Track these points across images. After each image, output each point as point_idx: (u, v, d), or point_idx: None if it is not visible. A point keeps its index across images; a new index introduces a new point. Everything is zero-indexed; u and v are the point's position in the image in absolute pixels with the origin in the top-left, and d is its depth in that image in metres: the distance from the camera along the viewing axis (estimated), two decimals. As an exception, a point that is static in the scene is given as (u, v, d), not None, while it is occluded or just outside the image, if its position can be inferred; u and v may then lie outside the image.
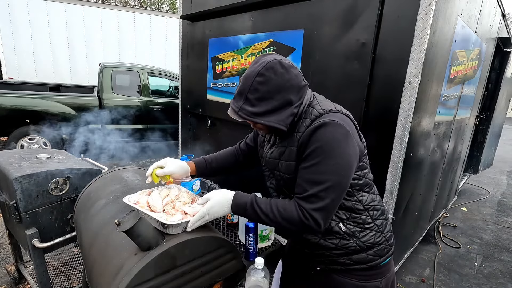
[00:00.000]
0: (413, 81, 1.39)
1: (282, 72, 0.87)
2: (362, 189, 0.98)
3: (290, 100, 0.89)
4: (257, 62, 0.89)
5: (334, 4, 1.68)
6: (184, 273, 0.97)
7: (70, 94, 4.74)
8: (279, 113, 0.89)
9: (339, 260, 0.99)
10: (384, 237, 1.01)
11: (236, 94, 0.92)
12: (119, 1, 19.34)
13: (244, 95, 0.89)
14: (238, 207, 0.94)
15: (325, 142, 0.85)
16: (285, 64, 0.88)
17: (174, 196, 1.15)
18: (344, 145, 0.85)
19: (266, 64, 0.86)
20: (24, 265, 2.06)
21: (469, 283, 2.53)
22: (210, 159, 1.28)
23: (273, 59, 0.87)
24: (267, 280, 1.03)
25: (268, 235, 1.54)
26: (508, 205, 4.44)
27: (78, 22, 7.74)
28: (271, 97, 0.87)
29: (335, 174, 0.84)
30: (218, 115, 2.67)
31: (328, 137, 0.85)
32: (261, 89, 0.86)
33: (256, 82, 0.86)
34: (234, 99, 0.92)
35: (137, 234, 0.86)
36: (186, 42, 2.99)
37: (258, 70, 0.86)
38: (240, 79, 0.92)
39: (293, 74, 0.89)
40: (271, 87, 0.86)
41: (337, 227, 0.97)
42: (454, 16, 1.71)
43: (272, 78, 0.86)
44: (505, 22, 3.39)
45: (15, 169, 1.50)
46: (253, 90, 0.87)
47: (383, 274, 1.02)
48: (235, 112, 0.91)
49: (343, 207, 0.96)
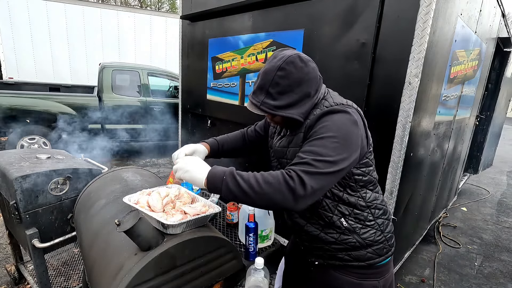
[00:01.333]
0: (413, 81, 1.39)
1: (302, 66, 0.90)
2: (366, 186, 0.99)
3: (308, 93, 0.92)
4: (276, 57, 0.92)
5: (334, 4, 1.68)
6: (184, 273, 0.97)
7: (70, 94, 4.74)
8: (299, 106, 0.92)
9: (337, 255, 1.00)
10: (384, 237, 1.02)
11: (256, 89, 0.94)
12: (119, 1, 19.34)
13: (265, 89, 0.91)
14: (214, 176, 0.85)
15: (332, 122, 0.86)
16: (304, 58, 0.91)
17: (174, 196, 1.15)
18: (350, 130, 0.86)
19: (287, 59, 0.89)
20: (24, 265, 2.06)
21: (469, 283, 2.53)
22: (222, 141, 1.29)
23: (293, 54, 0.90)
24: (267, 280, 1.03)
25: (268, 235, 1.54)
26: (508, 205, 4.44)
27: (78, 22, 7.74)
28: (292, 90, 0.90)
29: (335, 152, 0.82)
30: (218, 115, 2.67)
31: (335, 119, 0.87)
32: (282, 83, 0.89)
33: (277, 76, 0.89)
34: (254, 93, 0.94)
35: (137, 234, 0.86)
36: (186, 42, 2.99)
37: (279, 65, 0.88)
38: (259, 74, 0.94)
39: (311, 67, 0.92)
40: (292, 80, 0.89)
41: (339, 222, 0.97)
42: (454, 16, 1.71)
43: (292, 72, 0.89)
44: (505, 22, 3.39)
45: (15, 169, 1.49)
46: (275, 84, 0.90)
47: (381, 274, 1.02)
48: (256, 107, 0.93)
49: (346, 202, 0.97)
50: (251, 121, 1.42)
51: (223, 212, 1.76)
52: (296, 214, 1.07)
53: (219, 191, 0.83)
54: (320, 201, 0.97)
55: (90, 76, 7.96)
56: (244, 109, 2.33)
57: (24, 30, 7.28)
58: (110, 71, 4.86)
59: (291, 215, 1.09)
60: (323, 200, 0.97)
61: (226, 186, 0.81)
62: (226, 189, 0.82)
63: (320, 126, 0.87)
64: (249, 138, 1.33)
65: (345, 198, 0.96)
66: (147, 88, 5.11)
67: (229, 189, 0.81)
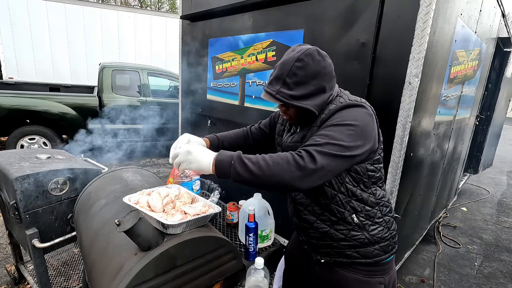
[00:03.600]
0: (413, 81, 1.39)
1: (319, 60, 0.93)
2: (377, 183, 1.01)
3: (324, 87, 0.95)
4: (295, 50, 0.95)
5: (334, 4, 1.68)
6: (184, 273, 0.97)
7: (70, 94, 4.74)
8: (314, 98, 0.94)
9: (346, 252, 1.00)
10: (390, 234, 1.03)
11: (272, 79, 0.96)
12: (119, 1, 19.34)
13: (282, 79, 0.93)
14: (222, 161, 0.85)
15: (348, 113, 0.89)
16: (322, 53, 0.95)
17: (174, 196, 1.15)
18: (366, 121, 0.88)
19: (305, 51, 0.92)
20: (24, 265, 2.06)
21: (469, 283, 2.53)
22: (222, 137, 1.28)
23: (311, 47, 0.94)
24: (267, 280, 1.03)
25: (268, 235, 1.54)
26: (508, 205, 4.44)
27: (78, 22, 7.73)
28: (308, 82, 0.92)
29: (350, 138, 0.83)
30: (218, 115, 2.67)
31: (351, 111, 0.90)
32: (299, 73, 0.91)
33: (295, 67, 0.91)
34: (270, 84, 0.96)
35: (137, 234, 0.86)
36: (186, 42, 2.99)
37: (297, 56, 0.91)
38: (275, 66, 0.96)
39: (327, 62, 0.95)
40: (309, 72, 0.92)
41: (350, 218, 0.98)
42: (454, 16, 1.71)
43: (310, 64, 0.91)
44: (505, 22, 3.39)
45: (15, 169, 1.49)
46: (292, 75, 0.92)
47: (386, 271, 1.04)
48: (271, 96, 0.95)
49: (359, 198, 0.98)
50: (252, 121, 1.42)
51: (223, 212, 1.76)
52: (305, 211, 1.06)
53: (228, 176, 0.84)
54: (333, 196, 0.97)
55: (90, 76, 7.95)
56: (244, 109, 2.33)
57: (24, 30, 7.28)
58: (110, 71, 4.86)
59: (300, 211, 1.09)
60: (336, 195, 0.97)
61: (235, 170, 0.82)
62: (235, 173, 0.82)
63: (338, 116, 0.89)
64: (253, 136, 1.32)
65: (358, 194, 0.97)
66: (147, 88, 5.11)
67: (238, 173, 0.82)
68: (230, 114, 2.47)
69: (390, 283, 1.06)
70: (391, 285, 1.07)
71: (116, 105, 4.83)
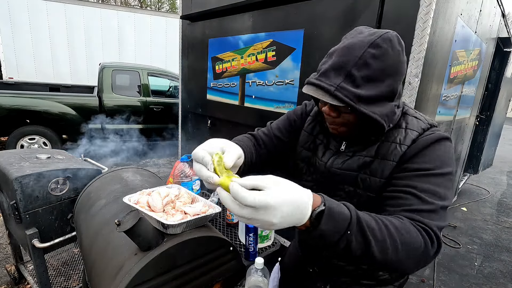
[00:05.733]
0: (413, 81, 1.39)
1: (399, 51, 0.66)
2: None
3: (396, 91, 0.69)
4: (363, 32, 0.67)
5: (334, 4, 1.68)
6: (184, 273, 0.96)
7: (70, 94, 4.74)
8: (382, 105, 0.66)
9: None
10: None
11: (327, 69, 0.66)
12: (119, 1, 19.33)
13: (345, 70, 0.63)
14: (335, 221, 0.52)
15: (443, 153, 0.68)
16: (402, 42, 0.68)
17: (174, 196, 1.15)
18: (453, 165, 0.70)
19: (383, 34, 0.64)
20: (24, 265, 2.06)
21: (469, 283, 2.53)
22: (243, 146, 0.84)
23: (390, 31, 0.67)
24: (267, 280, 1.03)
25: (268, 235, 1.54)
26: (508, 205, 4.44)
27: (78, 22, 7.74)
28: (383, 79, 0.64)
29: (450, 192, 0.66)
30: (218, 115, 2.67)
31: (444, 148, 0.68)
32: (374, 65, 0.63)
33: (369, 54, 0.62)
34: (323, 75, 0.66)
35: (137, 234, 0.86)
36: (186, 42, 2.99)
37: (372, 40, 0.63)
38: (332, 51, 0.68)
39: (405, 58, 0.69)
40: (387, 64, 0.64)
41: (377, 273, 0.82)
42: (454, 16, 1.71)
43: (389, 53, 0.64)
44: (505, 22, 3.39)
45: (15, 169, 1.49)
46: (363, 65, 0.63)
47: None
48: (326, 92, 0.64)
49: None
50: (252, 121, 1.39)
51: (223, 212, 1.76)
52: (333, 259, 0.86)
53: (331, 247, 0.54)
54: None
55: (90, 76, 7.96)
56: (244, 109, 2.32)
57: (24, 30, 7.28)
58: (110, 71, 4.86)
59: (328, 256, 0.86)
60: None
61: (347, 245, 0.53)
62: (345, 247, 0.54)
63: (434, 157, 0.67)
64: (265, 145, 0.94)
65: None
66: (147, 88, 5.11)
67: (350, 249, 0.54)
68: (230, 114, 2.47)
69: None
70: None
71: (116, 105, 4.83)
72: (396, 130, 0.72)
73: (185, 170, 1.72)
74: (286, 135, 0.94)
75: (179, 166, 1.66)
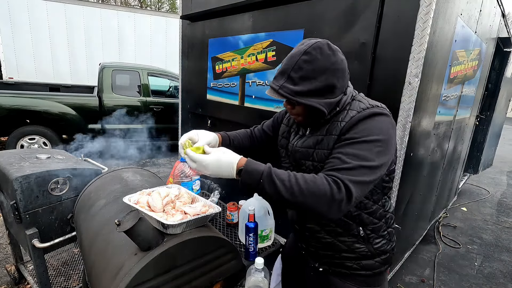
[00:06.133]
0: (413, 81, 1.39)
1: (329, 54, 0.85)
2: (387, 193, 0.98)
3: (333, 85, 0.86)
4: (303, 43, 0.88)
5: (334, 4, 1.68)
6: (184, 273, 0.97)
7: (70, 94, 4.74)
8: (321, 96, 0.86)
9: (346, 263, 0.99)
10: (391, 246, 1.02)
11: (277, 74, 0.90)
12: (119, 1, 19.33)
13: (286, 74, 0.86)
14: (250, 174, 0.78)
15: (375, 125, 0.82)
16: (333, 47, 0.86)
17: (174, 196, 1.15)
18: (391, 133, 0.84)
19: (314, 44, 0.85)
20: (24, 265, 2.06)
21: (469, 283, 2.53)
22: (232, 136, 1.21)
23: (322, 40, 0.86)
24: (267, 280, 1.03)
25: (268, 235, 1.54)
26: (508, 205, 4.44)
27: (78, 22, 7.74)
28: (315, 77, 0.84)
29: (378, 157, 0.79)
30: (218, 115, 2.67)
31: (377, 122, 0.83)
32: (306, 67, 0.84)
33: (301, 61, 0.84)
34: (274, 79, 0.90)
35: (137, 234, 0.86)
36: (186, 42, 2.99)
37: (304, 49, 0.84)
38: (283, 60, 0.90)
39: (339, 58, 0.87)
40: (316, 66, 0.84)
41: (356, 230, 0.95)
42: (454, 16, 1.71)
43: (318, 58, 0.83)
44: (505, 22, 3.39)
45: (15, 169, 1.49)
46: (297, 69, 0.85)
47: (381, 282, 1.04)
48: (274, 91, 0.88)
49: (370, 210, 0.95)
50: (252, 121, 1.41)
51: (223, 212, 1.76)
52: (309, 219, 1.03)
53: (253, 190, 0.80)
54: None
55: (90, 76, 7.96)
56: (244, 109, 2.33)
57: (24, 30, 7.28)
58: (110, 71, 4.86)
59: (303, 220, 1.05)
60: None
61: (263, 189, 0.77)
62: (262, 191, 0.78)
63: (362, 128, 0.82)
64: (257, 138, 1.26)
65: (369, 206, 0.94)
66: (147, 88, 5.11)
67: (265, 192, 0.77)
68: (230, 114, 2.47)
69: None
70: None
71: (116, 105, 4.83)
72: (342, 112, 0.90)
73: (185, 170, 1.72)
74: (271, 130, 1.23)
75: (179, 166, 1.66)
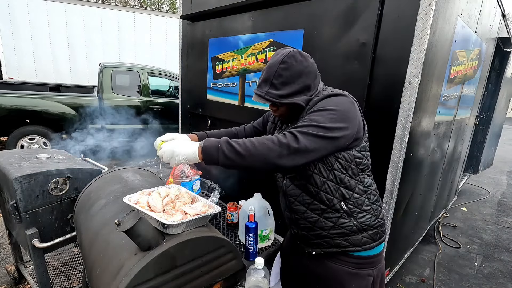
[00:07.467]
0: (413, 81, 1.39)
1: (302, 60, 1.00)
2: (364, 170, 1.04)
3: (309, 85, 1.02)
4: (279, 53, 1.03)
5: (334, 4, 1.68)
6: (184, 273, 0.97)
7: (70, 94, 4.74)
8: (300, 95, 1.02)
9: (335, 240, 1.04)
10: (378, 222, 1.07)
11: (260, 82, 1.04)
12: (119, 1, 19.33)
13: (269, 81, 1.01)
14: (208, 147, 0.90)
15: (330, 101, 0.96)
16: (303, 54, 1.03)
17: (174, 196, 1.15)
18: (348, 107, 0.95)
19: (288, 53, 1.00)
20: (24, 265, 2.06)
21: (469, 283, 2.53)
22: (211, 133, 1.33)
23: (293, 49, 1.02)
24: (267, 280, 1.03)
25: (268, 235, 1.54)
26: (508, 205, 4.44)
27: (78, 22, 7.74)
28: (293, 81, 1.00)
29: (331, 121, 0.90)
30: (218, 115, 2.66)
31: (333, 99, 0.97)
32: (285, 74, 0.99)
33: (280, 69, 0.99)
34: (259, 86, 1.04)
35: (137, 234, 0.86)
36: (186, 42, 2.98)
37: (281, 59, 0.99)
38: (263, 70, 1.04)
39: (310, 62, 1.03)
40: (293, 72, 0.99)
41: (339, 205, 1.02)
42: (454, 16, 1.71)
43: (293, 64, 0.99)
44: (505, 22, 3.39)
45: (15, 169, 1.49)
46: (278, 76, 1.00)
47: (375, 264, 1.09)
48: (261, 97, 1.02)
49: (347, 185, 1.01)
50: (252, 121, 1.43)
51: (223, 212, 1.76)
52: (296, 202, 1.09)
53: (216, 160, 0.89)
54: (322, 183, 1.02)
55: (90, 76, 7.96)
56: (244, 109, 2.33)
57: (24, 30, 7.28)
58: (110, 71, 4.86)
59: (291, 203, 1.12)
60: (325, 182, 1.01)
61: (223, 154, 0.88)
62: (223, 156, 0.88)
63: (320, 105, 0.96)
64: (246, 134, 1.39)
65: (346, 180, 1.01)
66: (147, 88, 5.11)
67: (226, 156, 0.87)
68: (230, 114, 2.47)
69: (379, 276, 1.11)
70: (380, 278, 1.11)
71: (116, 105, 4.83)
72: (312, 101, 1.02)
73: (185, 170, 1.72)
74: (261, 126, 1.38)
75: (179, 166, 1.66)
